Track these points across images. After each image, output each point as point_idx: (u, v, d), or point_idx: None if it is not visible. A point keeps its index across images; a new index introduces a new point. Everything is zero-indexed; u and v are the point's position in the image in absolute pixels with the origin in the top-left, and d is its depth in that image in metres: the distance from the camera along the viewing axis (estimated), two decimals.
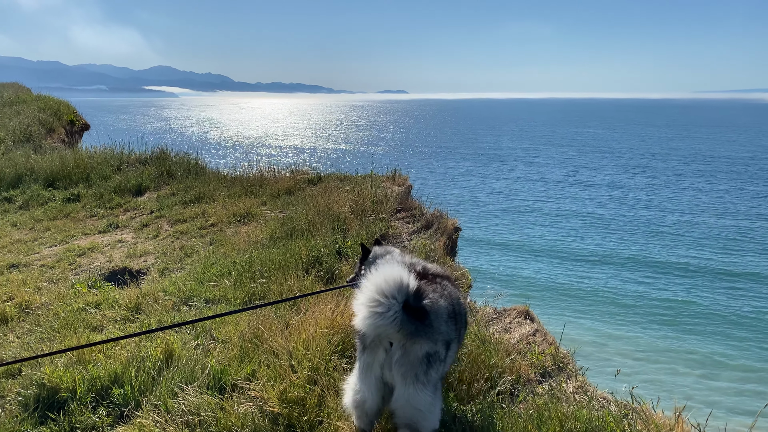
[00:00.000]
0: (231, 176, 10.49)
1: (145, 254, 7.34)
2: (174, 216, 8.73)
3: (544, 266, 26.24)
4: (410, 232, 6.85)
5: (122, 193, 10.16)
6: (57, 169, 11.20)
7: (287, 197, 9.00)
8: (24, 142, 13.94)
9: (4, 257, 7.58)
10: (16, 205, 10.15)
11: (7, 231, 8.84)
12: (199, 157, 11.68)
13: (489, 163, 61.59)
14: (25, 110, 17.15)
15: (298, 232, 6.93)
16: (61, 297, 5.89)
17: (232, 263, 6.27)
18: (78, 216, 9.38)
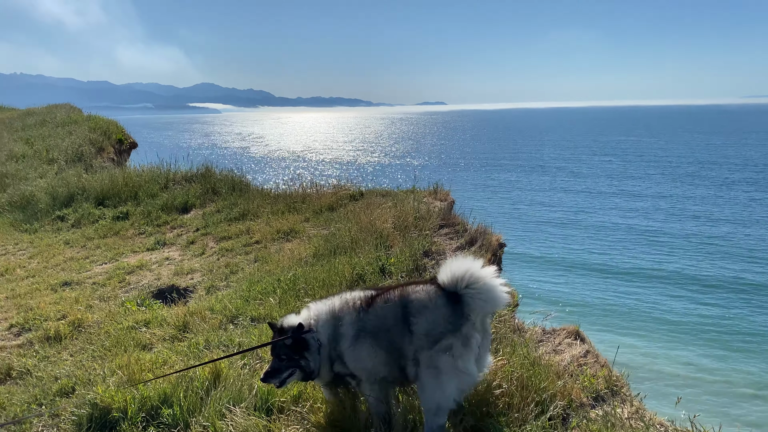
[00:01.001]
0: (274, 193, 10.60)
1: (192, 272, 7.46)
2: (219, 233, 8.86)
3: (590, 282, 25.57)
4: (454, 249, 6.77)
5: (169, 211, 10.38)
6: (107, 188, 11.53)
7: (329, 213, 9.03)
8: (76, 162, 14.43)
9: (57, 275, 7.82)
10: (68, 224, 10.49)
11: (61, 249, 9.13)
12: (243, 174, 11.85)
13: (530, 174, 60.81)
14: (76, 131, 17.76)
15: (342, 249, 6.93)
16: (111, 315, 6.03)
17: (277, 281, 6.31)
18: (127, 234, 9.63)
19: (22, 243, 9.67)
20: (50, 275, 7.81)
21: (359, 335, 3.35)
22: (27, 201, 11.52)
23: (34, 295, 7.02)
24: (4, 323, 6.22)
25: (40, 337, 5.67)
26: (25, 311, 6.45)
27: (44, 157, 14.94)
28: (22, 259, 8.80)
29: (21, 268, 8.32)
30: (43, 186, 12.13)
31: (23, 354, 5.35)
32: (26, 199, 11.60)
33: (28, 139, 17.29)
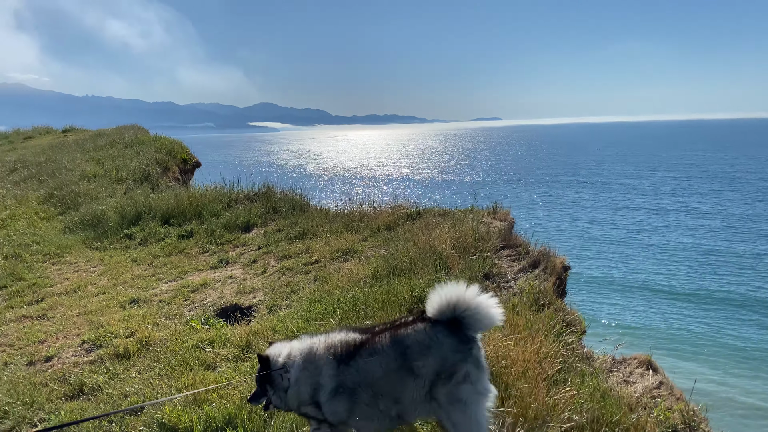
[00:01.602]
0: (332, 212, 10.69)
1: (254, 290, 7.58)
2: (280, 252, 8.98)
3: (655, 305, 24.51)
4: (516, 271, 6.63)
5: (232, 230, 10.61)
6: (172, 207, 11.90)
7: (387, 233, 9.03)
8: (143, 182, 14.98)
9: (125, 292, 8.09)
10: (136, 242, 10.86)
11: (129, 266, 9.45)
12: (302, 194, 12.02)
13: (590, 191, 59.32)
14: (143, 151, 18.47)
15: (400, 270, 6.90)
16: (177, 334, 6.17)
17: (337, 301, 6.32)
18: (191, 252, 9.89)
19: (93, 260, 10.06)
20: (119, 292, 8.09)
21: (338, 391, 3.25)
22: (98, 219, 12.01)
23: (105, 312, 7.27)
24: (77, 339, 6.47)
25: (110, 353, 5.86)
26: (96, 328, 6.69)
27: (114, 177, 15.58)
28: (93, 276, 9.15)
29: (92, 284, 8.65)
30: (112, 205, 12.62)
31: (95, 370, 5.53)
32: (97, 217, 12.09)
33: (99, 159, 18.09)
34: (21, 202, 14.28)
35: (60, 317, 7.32)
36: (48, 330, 6.85)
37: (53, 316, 7.42)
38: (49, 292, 8.42)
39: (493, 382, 4.24)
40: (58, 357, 6.05)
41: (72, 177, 15.75)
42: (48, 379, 5.47)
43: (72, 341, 6.42)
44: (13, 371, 5.76)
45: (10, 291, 8.52)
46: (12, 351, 6.33)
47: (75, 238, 11.30)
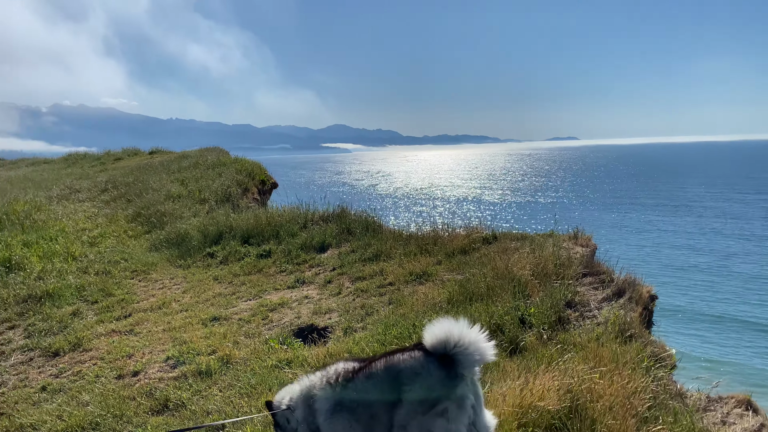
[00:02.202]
0: (406, 234, 10.68)
1: (330, 311, 7.65)
2: (354, 273, 9.05)
3: (747, 339, 22.94)
4: (599, 300, 6.37)
5: (307, 250, 10.79)
6: (251, 227, 12.26)
7: (462, 257, 8.92)
8: (224, 202, 15.54)
9: (207, 310, 8.35)
10: (217, 260, 11.23)
11: (210, 284, 9.77)
12: (375, 215, 12.10)
13: (673, 214, 56.69)
14: (225, 172, 19.19)
15: (477, 296, 6.78)
16: (256, 353, 6.30)
17: (412, 326, 6.28)
18: (269, 271, 10.12)
19: (177, 278, 10.47)
20: (201, 310, 8.36)
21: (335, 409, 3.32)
22: (181, 238, 12.51)
23: (187, 329, 7.52)
24: (162, 355, 6.71)
25: (193, 370, 6.04)
26: (180, 344, 6.93)
27: (197, 198, 16.23)
28: (176, 293, 9.52)
29: (176, 301, 8.99)
30: (195, 224, 13.13)
31: (179, 386, 5.71)
32: (181, 236, 12.61)
33: (183, 180, 18.93)
34: (111, 221, 15.11)
35: (146, 333, 7.63)
36: (135, 345, 7.15)
37: (140, 331, 7.74)
38: (136, 308, 8.81)
39: (578, 417, 4.07)
40: (144, 372, 6.29)
41: (158, 197, 16.52)
42: (135, 393, 5.69)
43: (157, 357, 6.67)
44: (104, 384, 6.04)
45: (100, 306, 8.97)
46: (102, 364, 6.64)
47: (160, 256, 11.81)
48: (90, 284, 9.80)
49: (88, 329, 7.84)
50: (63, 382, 6.26)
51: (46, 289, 9.36)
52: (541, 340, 5.52)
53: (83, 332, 7.69)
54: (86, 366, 6.66)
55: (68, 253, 11.70)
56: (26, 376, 6.58)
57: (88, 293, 9.45)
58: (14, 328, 8.21)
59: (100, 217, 15.43)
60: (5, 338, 7.87)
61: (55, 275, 10.26)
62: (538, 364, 4.87)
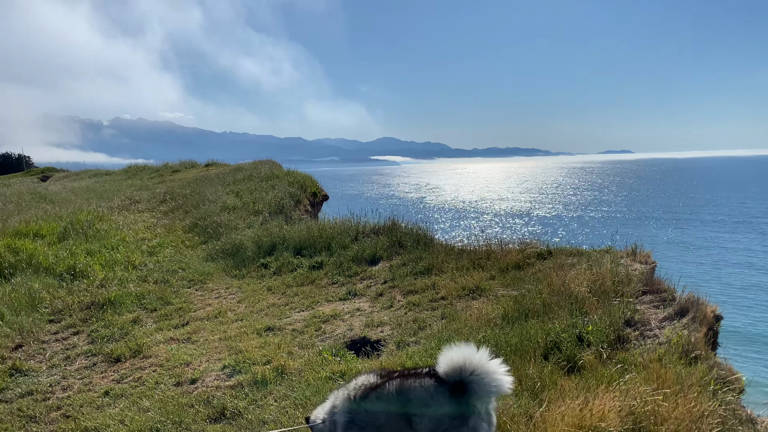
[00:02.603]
0: (458, 248, 10.62)
1: (381, 324, 7.65)
2: (406, 287, 9.04)
3: None
4: (660, 319, 6.16)
5: (359, 262, 10.85)
6: (304, 238, 12.43)
7: (516, 272, 8.79)
8: (277, 214, 15.82)
9: (261, 320, 8.49)
10: (270, 271, 11.41)
11: (264, 295, 9.94)
12: (426, 228, 12.08)
13: (734, 231, 54.41)
14: (278, 185, 19.56)
15: (533, 313, 6.67)
16: (310, 364, 6.35)
17: (466, 341, 6.20)
18: (321, 283, 10.22)
19: (232, 287, 10.70)
20: (256, 320, 8.50)
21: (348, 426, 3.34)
22: (236, 249, 12.79)
23: (243, 339, 7.66)
24: (218, 363, 6.85)
25: (249, 380, 6.14)
26: (236, 353, 7.06)
27: (251, 209, 16.58)
28: (232, 302, 9.71)
29: (231, 311, 9.17)
30: (250, 235, 13.40)
31: (235, 395, 5.81)
32: (236, 247, 12.88)
33: (237, 192, 19.38)
34: (169, 231, 15.58)
35: (203, 341, 7.81)
36: (192, 353, 7.33)
37: (197, 339, 7.93)
38: (193, 316, 9.04)
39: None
40: (202, 380, 6.43)
41: (214, 208, 16.95)
42: (194, 400, 5.82)
43: (214, 365, 6.81)
44: (163, 390, 6.21)
45: (159, 314, 9.25)
46: (162, 371, 6.83)
47: (216, 266, 12.09)
48: (149, 292, 10.11)
49: (147, 336, 8.08)
50: (124, 387, 6.46)
51: (108, 297, 9.71)
52: (600, 359, 5.38)
53: (143, 339, 7.93)
54: (146, 372, 6.86)
55: (129, 261, 12.12)
56: (90, 381, 6.83)
57: (147, 301, 9.75)
58: (78, 334, 8.54)
59: (158, 227, 15.94)
60: (70, 343, 8.19)
61: (116, 283, 10.64)
62: (597, 384, 4.74)
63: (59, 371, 7.17)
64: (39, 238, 13.60)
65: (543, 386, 4.95)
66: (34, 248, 12.34)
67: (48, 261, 11.63)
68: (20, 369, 7.20)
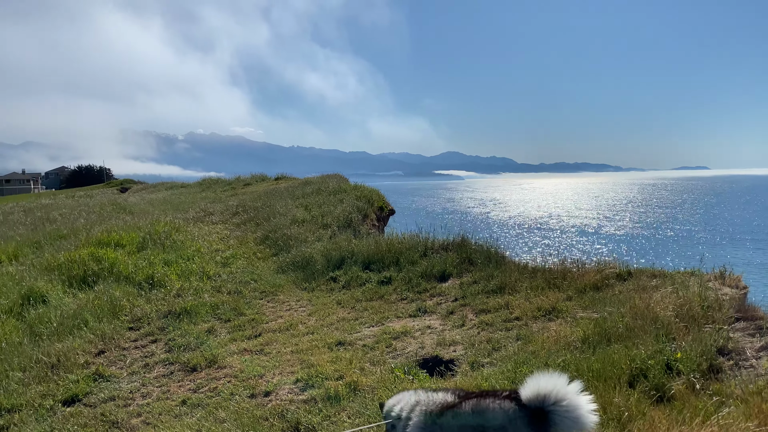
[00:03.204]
0: (531, 266, 10.33)
1: (454, 343, 7.50)
2: (478, 305, 8.85)
3: None
4: (757, 349, 5.74)
5: (428, 279, 10.74)
6: (372, 253, 12.43)
7: (594, 293, 8.45)
8: (345, 228, 15.93)
9: (332, 334, 8.50)
10: (339, 284, 11.46)
11: (334, 309, 9.97)
12: (498, 245, 11.84)
13: None
14: (345, 199, 19.73)
15: (615, 337, 6.36)
16: (383, 381, 6.28)
17: (545, 365, 5.98)
18: (390, 298, 10.17)
19: (302, 300, 10.80)
20: (326, 333, 8.52)
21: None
22: (306, 262, 12.93)
23: (314, 352, 7.68)
24: (291, 376, 6.89)
25: (322, 395, 6.13)
26: (308, 367, 7.08)
27: (320, 223, 16.77)
28: (302, 315, 9.79)
29: (302, 324, 9.24)
30: (319, 249, 13.53)
31: (309, 410, 5.81)
32: (306, 260, 13.03)
33: (306, 205, 19.67)
34: (241, 243, 15.95)
35: (275, 353, 7.89)
36: (266, 365, 7.40)
37: (269, 351, 8.01)
38: (266, 328, 9.16)
39: None
40: (275, 392, 6.47)
41: (284, 221, 17.25)
42: (268, 413, 5.86)
43: (287, 378, 6.85)
44: (238, 402, 6.28)
45: (233, 324, 9.42)
46: (236, 382, 6.92)
47: (286, 278, 12.26)
48: (223, 303, 10.34)
49: (222, 347, 8.24)
50: (201, 397, 6.58)
51: (184, 306, 9.99)
52: (693, 390, 5.05)
53: (218, 349, 8.08)
54: (221, 383, 6.97)
55: (203, 272, 12.46)
56: (168, 389, 7.00)
57: (221, 311, 9.97)
58: (156, 342, 8.80)
59: (231, 239, 16.35)
60: (149, 351, 8.45)
61: (191, 293, 10.94)
62: (692, 417, 4.44)
63: (139, 378, 7.39)
64: (120, 248, 14.20)
65: (630, 416, 4.69)
66: (115, 257, 12.89)
67: (128, 270, 12.11)
68: (103, 374, 7.47)
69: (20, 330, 9.19)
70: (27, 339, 8.80)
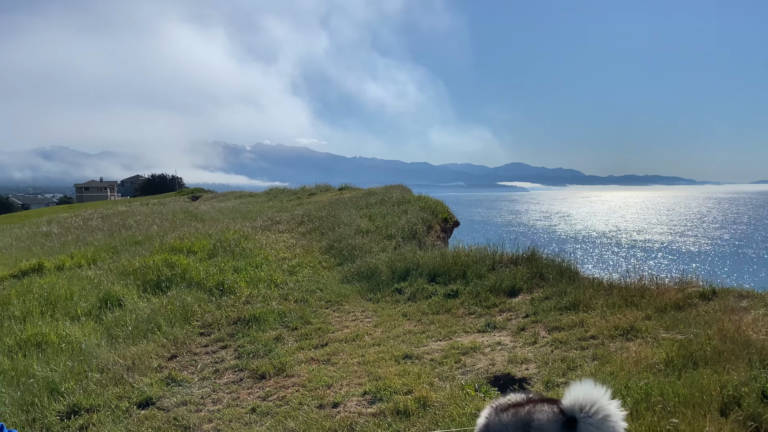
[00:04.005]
0: (606, 283, 9.91)
1: (526, 361, 7.25)
2: (550, 323, 8.54)
3: None
4: None
5: (497, 293, 10.48)
6: (438, 265, 12.28)
7: (676, 313, 7.99)
8: (410, 239, 15.84)
9: (398, 346, 8.39)
10: (405, 296, 11.36)
11: (400, 321, 9.87)
12: (570, 260, 11.45)
13: None
14: (409, 209, 19.68)
15: (702, 361, 5.96)
16: (453, 398, 6.11)
17: (625, 387, 5.67)
18: (458, 312, 9.97)
19: (367, 311, 10.75)
20: (393, 346, 8.42)
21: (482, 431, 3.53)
22: (371, 272, 12.91)
23: (381, 364, 7.59)
24: (358, 388, 6.82)
25: (391, 409, 6.02)
26: (375, 380, 6.99)
27: (384, 233, 16.76)
28: (368, 326, 9.74)
29: (368, 335, 9.18)
30: (384, 259, 13.49)
31: (378, 424, 5.71)
32: (371, 270, 13.01)
33: (370, 216, 19.73)
34: (307, 252, 16.13)
35: (342, 364, 7.84)
36: (333, 375, 7.36)
37: (336, 362, 7.98)
38: (332, 337, 9.15)
39: None
40: (343, 404, 6.41)
41: (348, 231, 17.34)
42: (337, 425, 5.80)
43: (354, 390, 6.79)
44: (307, 412, 6.25)
45: (300, 333, 9.47)
46: (304, 392, 6.91)
47: (351, 288, 12.27)
48: (290, 311, 10.43)
49: (290, 355, 8.27)
50: (270, 405, 6.59)
51: (252, 313, 10.14)
52: None
53: (286, 357, 8.12)
54: (290, 392, 6.98)
55: (271, 280, 12.65)
56: (237, 396, 7.06)
57: (288, 319, 10.05)
58: (226, 348, 8.94)
59: (297, 247, 16.57)
60: (219, 357, 8.59)
61: (260, 300, 11.11)
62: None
63: (209, 384, 7.51)
64: (191, 254, 14.63)
65: None
66: (187, 263, 13.27)
67: (199, 276, 12.43)
68: (175, 379, 7.62)
69: (98, 332, 9.55)
70: (104, 341, 9.13)
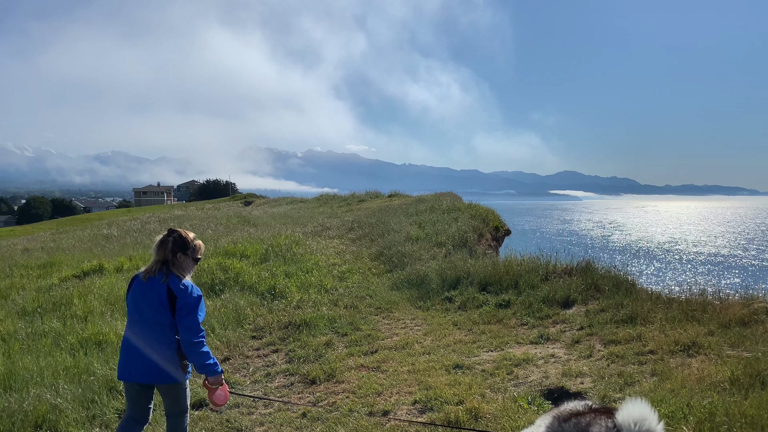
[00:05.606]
0: (666, 296, 9.57)
1: (581, 375, 7.05)
2: (606, 336, 8.29)
3: None
4: None
5: (550, 304, 10.26)
6: (489, 274, 12.12)
7: (741, 329, 7.64)
8: (461, 247, 15.71)
9: (449, 356, 8.30)
10: (455, 305, 11.25)
11: (450, 330, 9.77)
12: (627, 272, 11.11)
13: None
14: (460, 217, 19.52)
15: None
16: (505, 410, 5.99)
17: (687, 406, 5.44)
18: (510, 323, 9.81)
19: (417, 319, 10.70)
20: (443, 355, 8.34)
21: None
22: (421, 280, 12.85)
23: (431, 374, 7.52)
24: (409, 397, 6.77)
25: (442, 418, 5.95)
26: (425, 389, 6.93)
27: (434, 241, 16.67)
28: (418, 334, 9.68)
29: (418, 343, 9.12)
30: (434, 267, 13.41)
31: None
32: (420, 278, 12.96)
33: (420, 223, 19.67)
34: (357, 258, 16.20)
35: (392, 371, 7.81)
36: (383, 383, 7.34)
37: (386, 369, 7.95)
38: (381, 344, 9.13)
39: None
40: (393, 412, 6.38)
41: (398, 238, 17.34)
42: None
43: (404, 398, 6.75)
44: (357, 420, 6.24)
45: (349, 339, 9.49)
46: (354, 398, 6.91)
47: (401, 295, 12.24)
48: (340, 317, 10.47)
49: (339, 361, 8.29)
50: (320, 411, 6.61)
51: (303, 318, 10.22)
52: None
53: (336, 363, 8.14)
54: (339, 398, 6.99)
55: (321, 285, 12.74)
56: (288, 400, 7.12)
57: (338, 325, 10.09)
58: (277, 352, 9.04)
59: (347, 253, 16.66)
60: (270, 360, 8.69)
61: (311, 305, 11.20)
62: None
63: (261, 387, 7.60)
64: (244, 258, 14.90)
65: None
66: (240, 267, 13.51)
67: (252, 280, 12.63)
68: (228, 381, 7.73)
69: None
70: None
